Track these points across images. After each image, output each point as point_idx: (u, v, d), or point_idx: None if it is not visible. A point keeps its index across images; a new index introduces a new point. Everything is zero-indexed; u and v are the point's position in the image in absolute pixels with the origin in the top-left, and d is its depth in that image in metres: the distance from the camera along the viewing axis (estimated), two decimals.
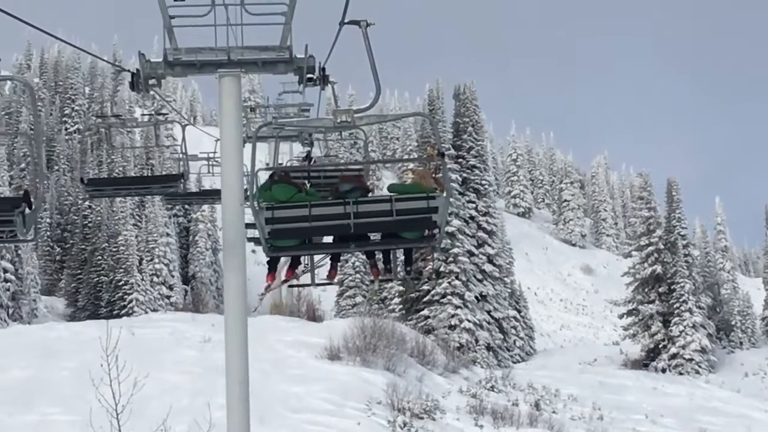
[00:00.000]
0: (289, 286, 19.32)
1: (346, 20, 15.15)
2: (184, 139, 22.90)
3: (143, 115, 24.23)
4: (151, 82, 17.49)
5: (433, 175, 16.63)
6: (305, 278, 19.19)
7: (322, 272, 18.60)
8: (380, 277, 18.45)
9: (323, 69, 17.24)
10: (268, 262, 17.61)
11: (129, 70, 18.33)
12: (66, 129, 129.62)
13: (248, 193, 16.30)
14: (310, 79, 17.31)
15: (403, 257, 17.76)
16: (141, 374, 46.37)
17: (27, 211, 11.76)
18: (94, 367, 16.50)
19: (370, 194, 16.33)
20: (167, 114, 22.15)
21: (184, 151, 22.74)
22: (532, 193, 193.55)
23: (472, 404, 49.61)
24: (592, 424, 50.41)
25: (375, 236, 15.90)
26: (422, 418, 44.55)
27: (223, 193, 17.34)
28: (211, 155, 31.29)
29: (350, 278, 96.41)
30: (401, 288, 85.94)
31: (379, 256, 18.09)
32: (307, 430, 40.15)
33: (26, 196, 11.76)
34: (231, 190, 17.11)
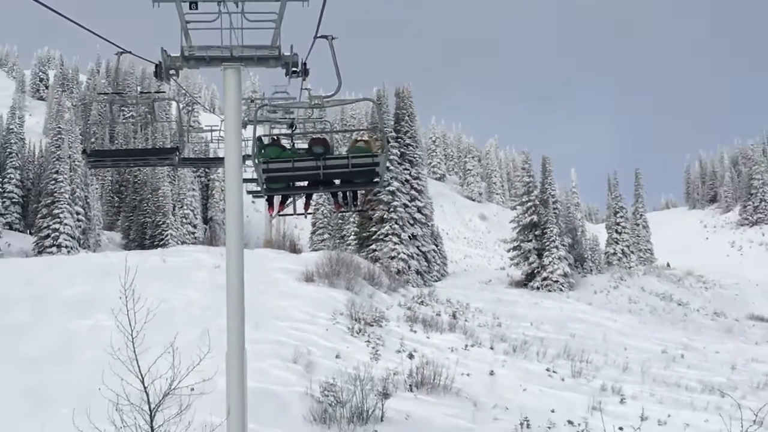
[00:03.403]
0: (279, 215, 18.77)
1: (318, 35, 15.47)
2: (179, 116, 20.30)
3: (142, 92, 21.88)
4: (171, 72, 16.63)
5: (373, 138, 17.86)
6: (289, 210, 19.42)
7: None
8: (341, 209, 19.73)
9: (305, 63, 16.38)
10: (267, 200, 18.14)
11: (154, 63, 16.72)
12: (123, 116, 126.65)
13: (251, 154, 17.52)
14: (294, 72, 16.44)
15: (352, 196, 18.63)
16: (169, 292, 44.00)
17: None
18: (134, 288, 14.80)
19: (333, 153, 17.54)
20: (164, 93, 19.81)
21: (180, 127, 20.14)
22: (445, 164, 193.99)
23: (408, 315, 47.77)
24: (494, 330, 48.67)
25: (337, 181, 17.15)
26: (372, 325, 42.65)
27: (226, 157, 16.69)
28: (215, 128, 28.56)
29: (320, 221, 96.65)
30: (356, 229, 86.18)
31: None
32: (290, 333, 38.25)
33: None
34: (232, 154, 16.55)
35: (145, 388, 14.30)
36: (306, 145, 18.15)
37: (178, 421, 14.41)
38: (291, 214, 18.58)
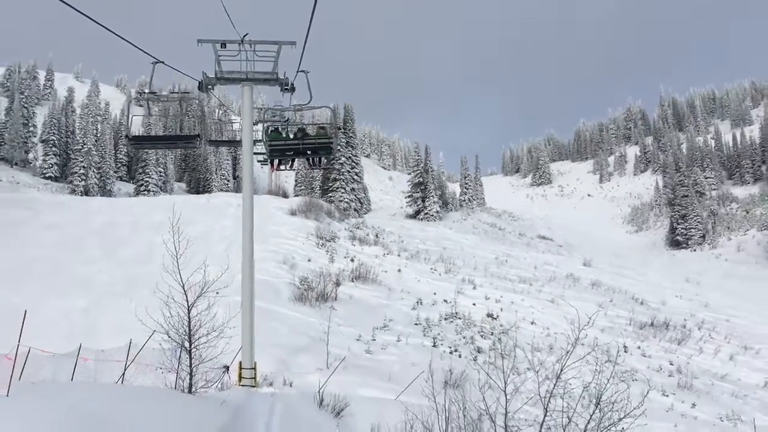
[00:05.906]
0: (277, 170, 17.80)
1: (300, 70, 14.88)
2: (202, 112, 18.02)
3: (172, 92, 19.62)
4: (209, 87, 15.80)
5: (328, 130, 17.21)
6: (282, 168, 18.27)
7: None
8: (312, 169, 19.46)
9: (292, 84, 15.81)
10: (270, 164, 17.58)
11: (198, 80, 15.71)
12: (188, 116, 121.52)
13: (261, 138, 17.24)
14: (286, 89, 15.87)
15: (317, 161, 17.96)
16: (211, 220, 41.00)
17: None
18: (188, 216, 13.30)
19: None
20: (188, 93, 17.77)
21: (203, 119, 17.87)
22: (370, 147, 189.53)
23: (351, 235, 45.62)
24: (399, 244, 46.87)
25: (309, 152, 16.70)
26: (330, 241, 40.66)
27: (243, 140, 16.21)
28: (234, 121, 26.16)
29: (300, 178, 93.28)
30: (320, 183, 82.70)
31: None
32: (281, 246, 36.20)
33: None
34: (247, 139, 16.10)
35: (185, 291, 12.51)
36: (292, 133, 17.12)
37: (207, 313, 12.64)
38: (283, 169, 17.76)
